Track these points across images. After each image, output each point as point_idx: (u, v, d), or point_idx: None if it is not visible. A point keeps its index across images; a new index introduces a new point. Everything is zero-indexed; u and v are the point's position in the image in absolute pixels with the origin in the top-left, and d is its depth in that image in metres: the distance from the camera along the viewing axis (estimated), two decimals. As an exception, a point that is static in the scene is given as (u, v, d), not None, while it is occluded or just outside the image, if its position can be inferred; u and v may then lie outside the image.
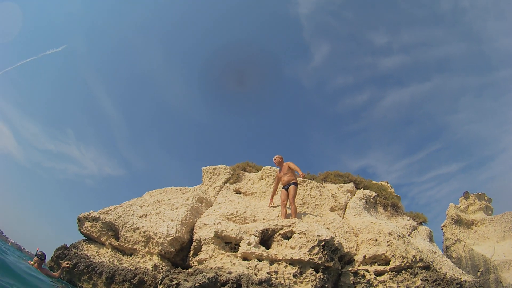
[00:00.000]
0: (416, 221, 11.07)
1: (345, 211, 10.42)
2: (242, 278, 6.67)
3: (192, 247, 8.90)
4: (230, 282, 6.52)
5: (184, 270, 7.26)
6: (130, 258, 9.27)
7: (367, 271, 7.89)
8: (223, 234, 8.41)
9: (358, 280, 7.79)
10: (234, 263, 7.58)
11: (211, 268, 7.44)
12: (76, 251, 9.75)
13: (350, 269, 8.00)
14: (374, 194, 11.50)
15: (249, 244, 7.82)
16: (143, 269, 8.41)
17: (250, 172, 12.70)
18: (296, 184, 9.31)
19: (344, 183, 11.98)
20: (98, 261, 9.15)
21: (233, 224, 9.02)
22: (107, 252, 9.66)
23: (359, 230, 9.00)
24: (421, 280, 7.44)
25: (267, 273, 6.99)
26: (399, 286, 7.45)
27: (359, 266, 8.02)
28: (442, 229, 22.78)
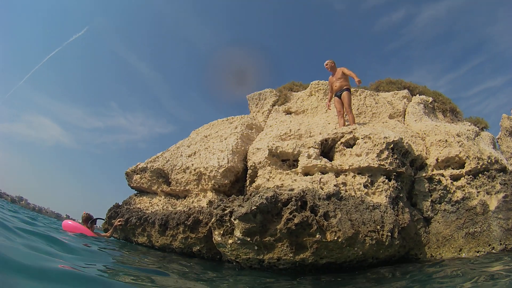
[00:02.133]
0: (478, 126, 9.60)
1: (404, 118, 9.32)
2: (306, 193, 5.39)
3: (247, 175, 7.72)
4: (293, 199, 5.17)
5: (239, 196, 5.83)
6: (184, 200, 8.24)
7: (443, 175, 6.64)
8: (278, 151, 7.10)
9: (434, 186, 6.55)
10: (295, 180, 6.26)
11: (269, 188, 5.98)
12: (128, 206, 8.74)
13: (424, 174, 6.71)
14: (431, 99, 10.26)
15: (309, 156, 6.59)
16: (197, 208, 7.26)
17: (297, 92, 11.72)
18: (349, 90, 8.19)
19: (398, 90, 10.90)
20: (151, 212, 7.97)
21: (288, 140, 7.68)
22: (160, 201, 8.73)
23: (424, 133, 7.76)
24: (500, 184, 6.40)
25: (334, 185, 5.82)
26: (478, 192, 6.38)
27: (432, 170, 6.76)
28: (497, 141, 19.09)
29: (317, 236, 4.81)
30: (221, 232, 5.30)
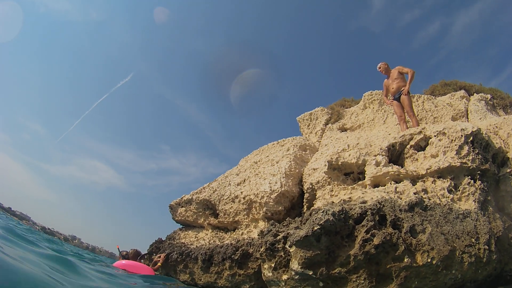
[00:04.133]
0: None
1: (467, 118, 8.36)
2: (384, 205, 4.13)
3: (304, 200, 6.47)
4: (368, 213, 3.96)
5: (296, 219, 4.65)
6: (234, 233, 7.07)
7: (532, 170, 5.34)
8: (339, 163, 6.00)
9: (524, 184, 5.20)
10: (365, 192, 5.04)
11: (334, 202, 4.69)
12: (171, 241, 7.71)
13: (508, 170, 5.45)
14: (489, 96, 9.25)
15: (377, 164, 5.47)
16: (247, 240, 6.09)
17: (349, 107, 10.80)
18: (408, 92, 7.18)
19: (454, 91, 9.95)
20: (196, 247, 6.88)
21: (349, 150, 6.38)
22: (207, 234, 7.63)
23: (496, 127, 6.62)
24: None
25: (414, 193, 4.64)
26: None
27: (517, 166, 5.51)
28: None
29: (406, 260, 3.50)
30: (273, 265, 4.03)
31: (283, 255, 3.92)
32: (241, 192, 7.08)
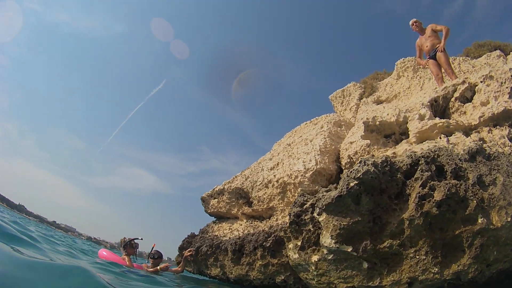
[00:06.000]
0: None
1: None
2: (438, 154, 3.12)
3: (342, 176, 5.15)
4: (420, 162, 2.99)
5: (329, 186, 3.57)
6: (269, 221, 6.20)
7: None
8: (377, 123, 5.20)
9: None
10: (411, 146, 4.34)
11: (374, 156, 3.84)
12: (203, 235, 6.95)
13: None
14: None
15: (421, 118, 4.61)
16: (281, 225, 5.14)
17: (382, 80, 9.94)
18: (443, 48, 6.55)
19: (489, 52, 8.68)
20: (229, 238, 6.11)
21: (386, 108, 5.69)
22: (241, 225, 6.82)
23: None
24: None
25: (471, 142, 3.70)
26: None
27: None
28: None
29: (480, 220, 2.53)
30: (299, 243, 3.10)
31: (311, 229, 2.98)
32: (274, 176, 6.24)
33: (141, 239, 6.38)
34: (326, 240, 2.70)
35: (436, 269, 2.55)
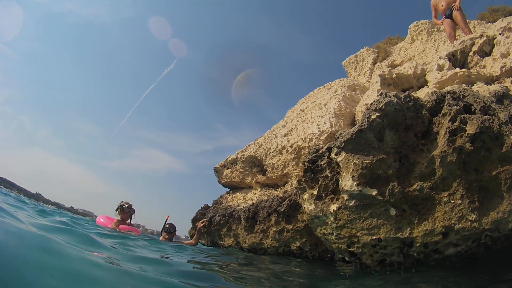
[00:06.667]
0: None
1: None
2: (465, 94, 2.68)
3: None
4: (447, 98, 2.62)
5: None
6: (283, 188, 5.92)
7: None
8: (393, 75, 5.05)
9: None
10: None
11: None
12: (216, 206, 6.67)
13: None
14: None
15: (440, 68, 4.42)
16: (296, 190, 4.57)
17: (396, 45, 9.54)
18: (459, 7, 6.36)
19: (504, 17, 7.73)
20: (243, 207, 5.81)
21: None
22: (255, 194, 6.50)
23: None
24: None
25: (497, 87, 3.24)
26: None
27: None
28: None
29: None
30: (315, 192, 2.71)
31: (329, 175, 2.59)
32: (288, 141, 5.93)
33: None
34: (347, 182, 2.31)
35: (474, 216, 2.15)
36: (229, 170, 7.19)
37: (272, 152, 6.21)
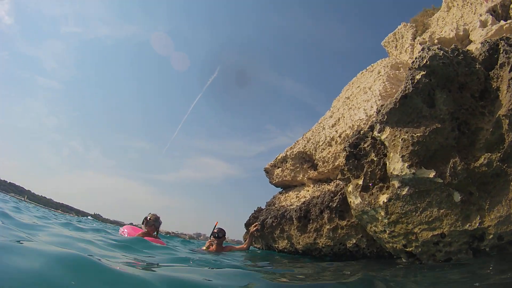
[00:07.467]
0: None
1: None
2: None
3: None
4: (501, 46, 2.04)
5: None
6: (336, 181, 5.36)
7: None
8: (435, 40, 5.27)
9: None
10: None
11: None
12: (269, 207, 6.43)
13: None
14: None
15: (483, 24, 4.17)
16: None
17: (432, 16, 8.87)
18: None
19: None
20: (296, 206, 5.51)
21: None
22: (308, 191, 6.13)
23: None
24: None
25: None
26: None
27: None
28: None
29: None
30: (360, 182, 2.33)
31: (375, 159, 2.19)
32: (336, 131, 5.56)
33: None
34: (396, 165, 1.89)
35: None
36: (280, 169, 6.92)
37: (322, 145, 5.84)
